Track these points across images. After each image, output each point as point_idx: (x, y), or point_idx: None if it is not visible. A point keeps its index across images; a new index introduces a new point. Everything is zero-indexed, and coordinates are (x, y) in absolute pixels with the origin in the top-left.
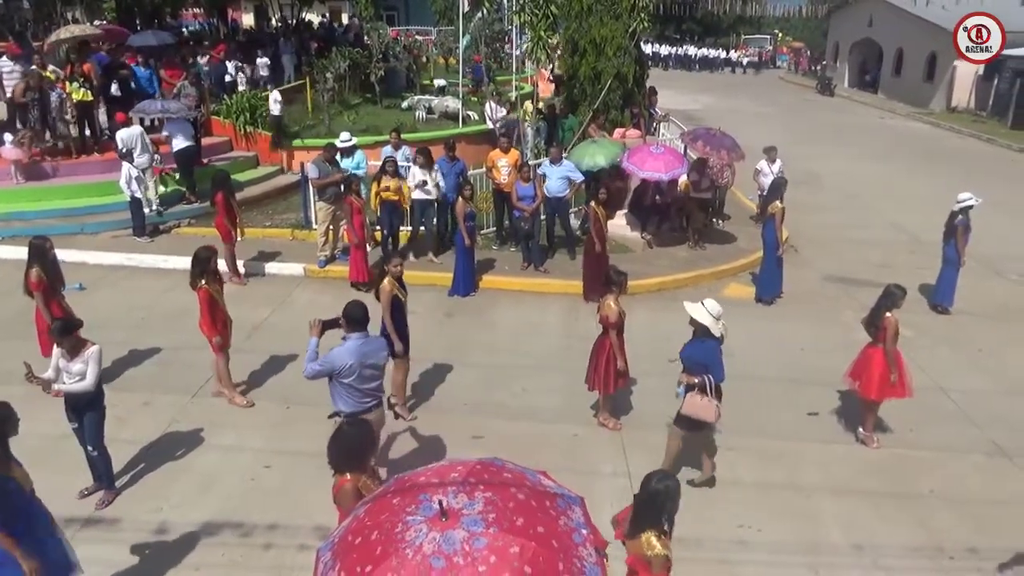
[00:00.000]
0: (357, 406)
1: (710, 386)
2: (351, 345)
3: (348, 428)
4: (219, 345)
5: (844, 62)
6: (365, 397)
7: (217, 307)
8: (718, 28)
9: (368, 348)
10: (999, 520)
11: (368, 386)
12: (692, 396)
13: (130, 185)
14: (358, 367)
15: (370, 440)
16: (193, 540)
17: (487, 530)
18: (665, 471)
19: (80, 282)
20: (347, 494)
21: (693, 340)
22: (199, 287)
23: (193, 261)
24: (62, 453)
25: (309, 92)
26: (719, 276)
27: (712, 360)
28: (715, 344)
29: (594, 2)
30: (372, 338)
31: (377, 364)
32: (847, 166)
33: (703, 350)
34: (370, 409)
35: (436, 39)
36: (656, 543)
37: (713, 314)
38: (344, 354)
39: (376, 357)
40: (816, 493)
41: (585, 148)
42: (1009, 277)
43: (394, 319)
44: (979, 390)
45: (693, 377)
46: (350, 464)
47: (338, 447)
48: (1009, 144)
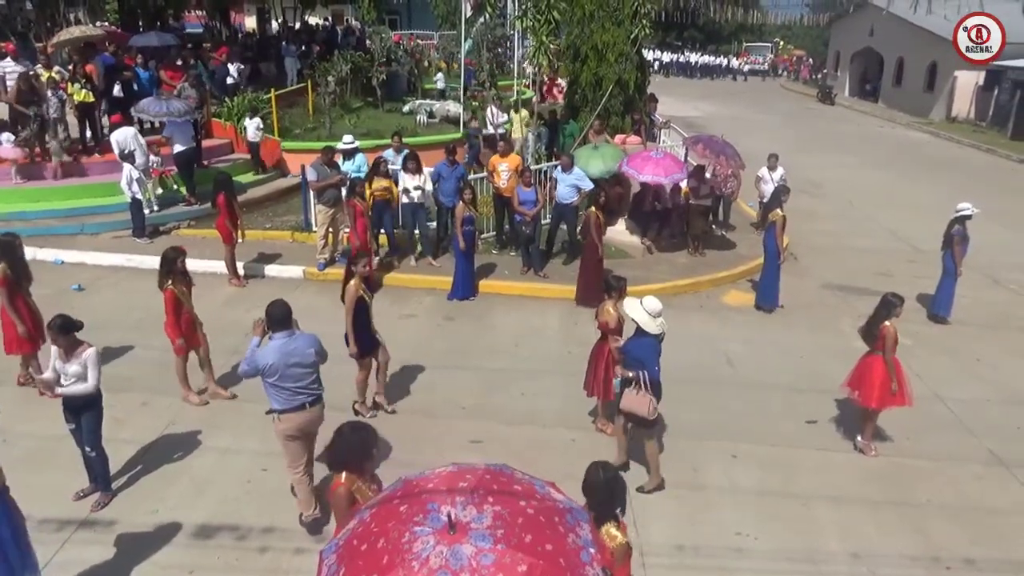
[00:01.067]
0: (287, 403)
1: (645, 382)
2: (274, 345)
3: (349, 432)
4: (181, 347)
5: (845, 71)
6: (295, 395)
7: (183, 309)
8: (719, 36)
9: (292, 347)
10: (996, 530)
11: (296, 384)
12: (628, 392)
13: (131, 186)
14: (281, 367)
15: (367, 447)
16: (189, 542)
17: (495, 546)
18: (604, 462)
19: (79, 283)
20: (339, 497)
21: (633, 336)
22: (164, 288)
23: (160, 262)
24: (59, 454)
25: (311, 95)
26: (718, 283)
27: (647, 356)
28: (652, 340)
29: (596, 8)
30: (298, 336)
31: (303, 363)
32: (847, 175)
33: (640, 346)
34: (303, 406)
35: (438, 43)
36: (616, 533)
37: (650, 312)
38: (267, 354)
39: (301, 356)
40: (814, 501)
41: (585, 155)
42: (1008, 287)
43: (356, 320)
44: (977, 399)
45: (628, 371)
46: (343, 463)
47: (336, 447)
48: (1009, 154)
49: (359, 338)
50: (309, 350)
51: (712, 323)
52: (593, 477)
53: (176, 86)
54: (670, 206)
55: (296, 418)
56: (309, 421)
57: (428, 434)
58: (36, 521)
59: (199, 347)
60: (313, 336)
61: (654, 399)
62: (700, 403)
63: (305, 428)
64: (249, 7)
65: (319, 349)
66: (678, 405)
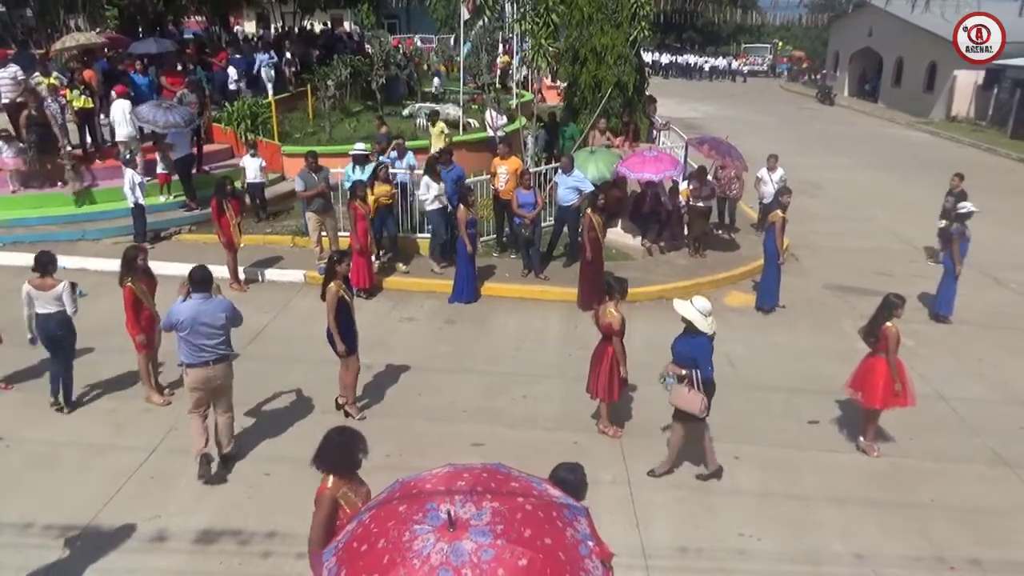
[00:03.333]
0: (193, 358)
1: (697, 380)
2: (189, 303)
3: (336, 435)
4: (143, 344)
5: (844, 71)
6: (201, 352)
7: (142, 306)
8: (718, 37)
9: (204, 308)
10: (1000, 530)
11: (203, 341)
12: (680, 388)
13: (133, 192)
14: (190, 323)
15: (352, 451)
16: (191, 548)
17: (495, 542)
18: (573, 464)
19: (81, 288)
20: (323, 500)
21: (683, 335)
22: (124, 285)
23: (121, 260)
24: (61, 459)
25: (310, 99)
26: (719, 284)
27: (701, 355)
28: (705, 340)
29: (595, 11)
30: (212, 300)
31: (212, 324)
32: (847, 175)
33: (693, 345)
34: (207, 363)
35: (436, 47)
36: None
37: (702, 311)
38: (181, 310)
39: (210, 317)
40: (816, 502)
41: (582, 159)
42: (1009, 286)
43: (339, 319)
44: (979, 399)
45: (680, 369)
46: (331, 465)
47: (322, 448)
48: (1009, 153)
49: (344, 336)
50: (220, 313)
51: None
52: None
53: (177, 92)
54: (670, 208)
55: (198, 372)
56: (209, 377)
57: (430, 438)
58: (39, 526)
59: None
60: (227, 302)
61: (705, 397)
62: None
63: (206, 383)
64: (249, 12)
65: (231, 315)
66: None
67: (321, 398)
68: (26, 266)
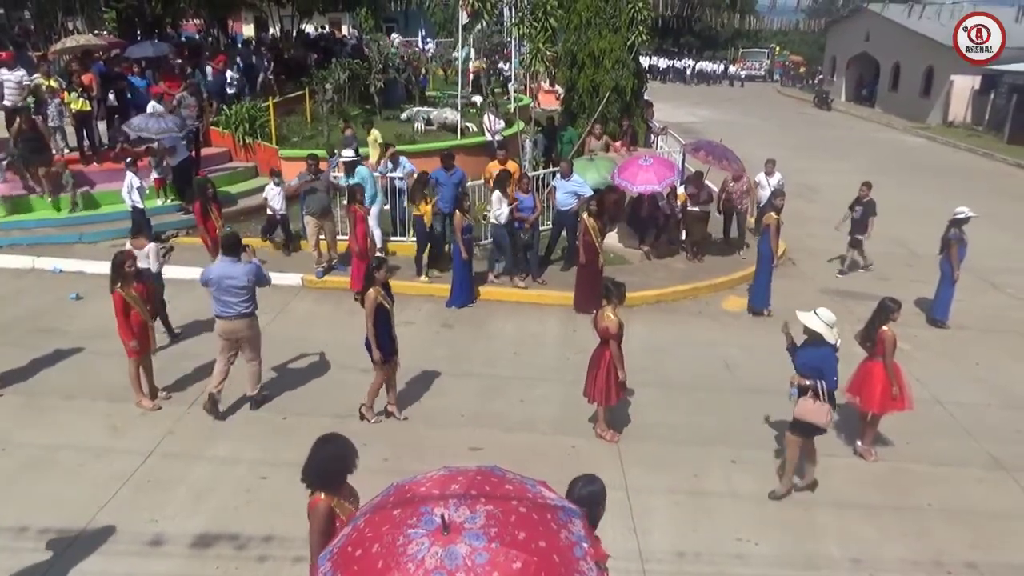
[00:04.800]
0: (220, 311)
1: (822, 391)
2: (218, 264)
3: (325, 445)
4: (134, 349)
5: (841, 76)
6: (226, 307)
7: (132, 311)
8: (716, 42)
9: (230, 269)
10: (997, 534)
11: (228, 298)
12: (805, 400)
13: (131, 195)
14: (217, 281)
15: (345, 459)
16: (187, 552)
17: (489, 545)
18: (591, 475)
19: (77, 291)
20: (318, 513)
21: (805, 346)
22: (113, 291)
23: (111, 265)
24: (58, 463)
25: (308, 103)
26: (717, 289)
27: (827, 366)
28: (830, 351)
29: (593, 15)
30: (239, 264)
31: (235, 284)
32: (844, 179)
33: (818, 356)
34: (230, 318)
35: (435, 51)
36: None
37: (827, 322)
38: (211, 270)
39: (235, 278)
40: (814, 506)
41: (581, 165)
42: (1005, 291)
43: (378, 327)
44: (976, 403)
45: (805, 379)
46: (323, 483)
47: (312, 464)
48: (1005, 158)
49: (381, 344)
50: (243, 276)
51: (711, 329)
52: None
53: (175, 95)
54: (668, 212)
55: (224, 324)
56: (233, 329)
57: (428, 441)
58: (35, 531)
59: (149, 350)
60: (253, 266)
61: (832, 409)
62: (699, 409)
63: (231, 333)
64: (247, 16)
65: (253, 277)
66: (677, 411)
67: (319, 401)
68: (23, 269)
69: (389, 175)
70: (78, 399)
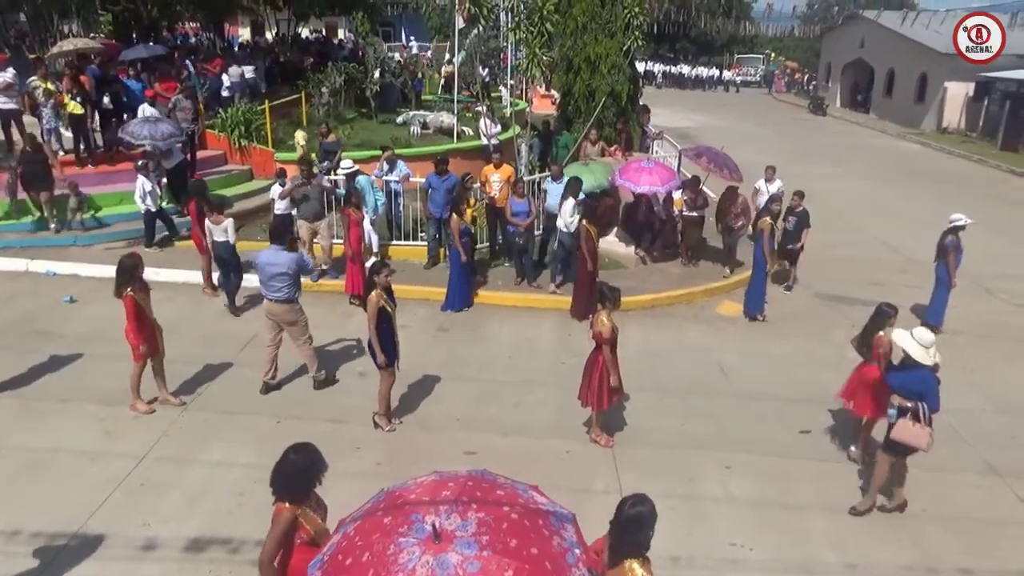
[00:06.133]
0: (264, 292)
1: (924, 414)
2: (265, 251)
3: (292, 455)
4: (144, 354)
5: (836, 82)
6: (268, 290)
7: (144, 315)
8: (712, 47)
9: (273, 257)
10: (992, 539)
11: (271, 282)
12: (904, 422)
13: (144, 200)
14: (262, 266)
15: (312, 470)
16: (181, 556)
17: (481, 553)
18: (641, 495)
19: (72, 294)
20: (281, 522)
21: (903, 367)
22: (124, 295)
23: (117, 269)
24: (51, 466)
25: (304, 106)
26: (712, 293)
27: (927, 388)
28: (929, 373)
29: (589, 20)
30: (284, 252)
31: (277, 272)
32: (839, 185)
33: (918, 378)
34: (272, 300)
35: (431, 55)
36: (639, 570)
37: (923, 343)
38: (258, 255)
39: (276, 266)
40: (809, 511)
41: (575, 171)
42: (1000, 296)
43: (380, 331)
44: (971, 409)
45: (907, 401)
46: (289, 493)
47: (279, 473)
48: (999, 164)
49: (385, 348)
50: (285, 264)
51: (706, 333)
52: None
53: (171, 98)
54: (664, 217)
55: (266, 305)
56: (273, 311)
57: (422, 446)
58: (27, 535)
59: (158, 354)
60: (297, 255)
61: (932, 431)
62: (694, 413)
63: (271, 315)
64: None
65: (295, 266)
66: (672, 416)
67: (313, 405)
68: (16, 271)
69: (385, 179)
70: (72, 402)
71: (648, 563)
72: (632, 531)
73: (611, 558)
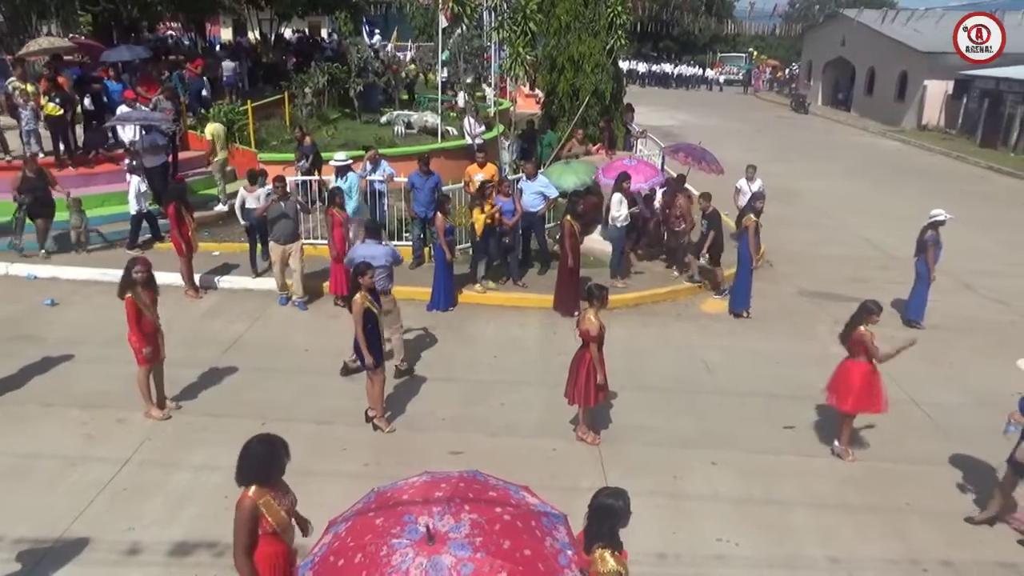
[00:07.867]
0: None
1: None
2: (362, 245)
3: (256, 445)
4: (147, 357)
5: (818, 80)
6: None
7: (144, 318)
8: (694, 46)
9: (370, 251)
10: (973, 532)
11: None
12: None
13: (137, 200)
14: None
15: (274, 460)
16: (166, 560)
17: (474, 555)
18: (619, 488)
19: (52, 297)
20: (243, 510)
21: None
22: (124, 296)
23: (124, 271)
24: (33, 472)
25: (287, 106)
26: (697, 291)
27: None
28: None
29: (572, 19)
30: (380, 246)
31: (375, 263)
32: (821, 183)
33: None
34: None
35: (415, 55)
36: (609, 559)
37: None
38: (356, 250)
39: (375, 258)
40: (793, 506)
41: (558, 170)
42: (978, 291)
43: (367, 332)
44: (951, 403)
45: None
46: (249, 477)
47: (242, 461)
48: (978, 161)
49: (371, 348)
50: (383, 256)
51: (690, 331)
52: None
53: (151, 99)
54: (647, 216)
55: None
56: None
57: (408, 446)
58: (9, 540)
59: (160, 358)
60: (390, 249)
61: None
62: (679, 411)
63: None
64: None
65: (391, 258)
66: (657, 413)
67: (298, 407)
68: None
69: (369, 178)
70: (55, 406)
71: (620, 554)
72: (600, 519)
73: (586, 545)
